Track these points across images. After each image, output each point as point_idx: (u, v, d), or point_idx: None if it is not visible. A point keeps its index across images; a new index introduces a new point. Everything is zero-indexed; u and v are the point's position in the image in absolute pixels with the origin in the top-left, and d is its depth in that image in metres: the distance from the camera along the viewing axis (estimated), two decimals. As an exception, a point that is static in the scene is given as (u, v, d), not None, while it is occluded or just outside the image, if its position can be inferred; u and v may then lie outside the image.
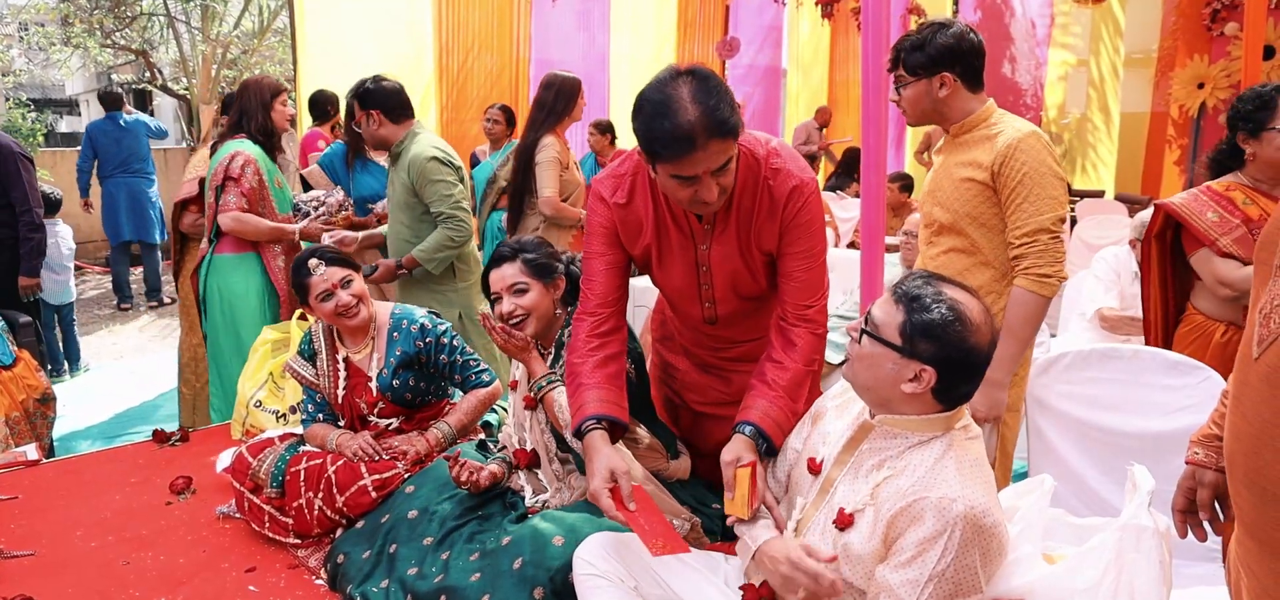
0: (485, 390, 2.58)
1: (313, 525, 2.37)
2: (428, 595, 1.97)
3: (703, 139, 1.55)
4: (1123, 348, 2.39)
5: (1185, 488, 1.44)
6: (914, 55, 2.12)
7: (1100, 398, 2.37)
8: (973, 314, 1.38)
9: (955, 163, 2.15)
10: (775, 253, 1.84)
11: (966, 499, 1.32)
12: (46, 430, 3.53)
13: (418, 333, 2.51)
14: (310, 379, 2.59)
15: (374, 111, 3.15)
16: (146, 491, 2.79)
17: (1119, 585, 1.36)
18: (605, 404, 1.80)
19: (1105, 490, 2.36)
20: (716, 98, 1.57)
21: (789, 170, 1.79)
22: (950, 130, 2.18)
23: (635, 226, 1.89)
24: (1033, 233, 2.00)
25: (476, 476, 2.19)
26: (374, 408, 2.54)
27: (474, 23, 6.74)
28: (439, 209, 3.13)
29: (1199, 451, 1.43)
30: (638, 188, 1.87)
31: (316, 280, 2.42)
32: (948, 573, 1.31)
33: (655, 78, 1.63)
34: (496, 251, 2.19)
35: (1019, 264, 2.03)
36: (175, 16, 10.66)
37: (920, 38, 2.12)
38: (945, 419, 1.42)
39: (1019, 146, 2.00)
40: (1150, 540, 1.37)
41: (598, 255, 1.92)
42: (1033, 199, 1.99)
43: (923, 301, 1.38)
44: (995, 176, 2.04)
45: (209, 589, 2.20)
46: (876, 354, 1.41)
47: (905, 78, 2.16)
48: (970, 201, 2.10)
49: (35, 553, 2.38)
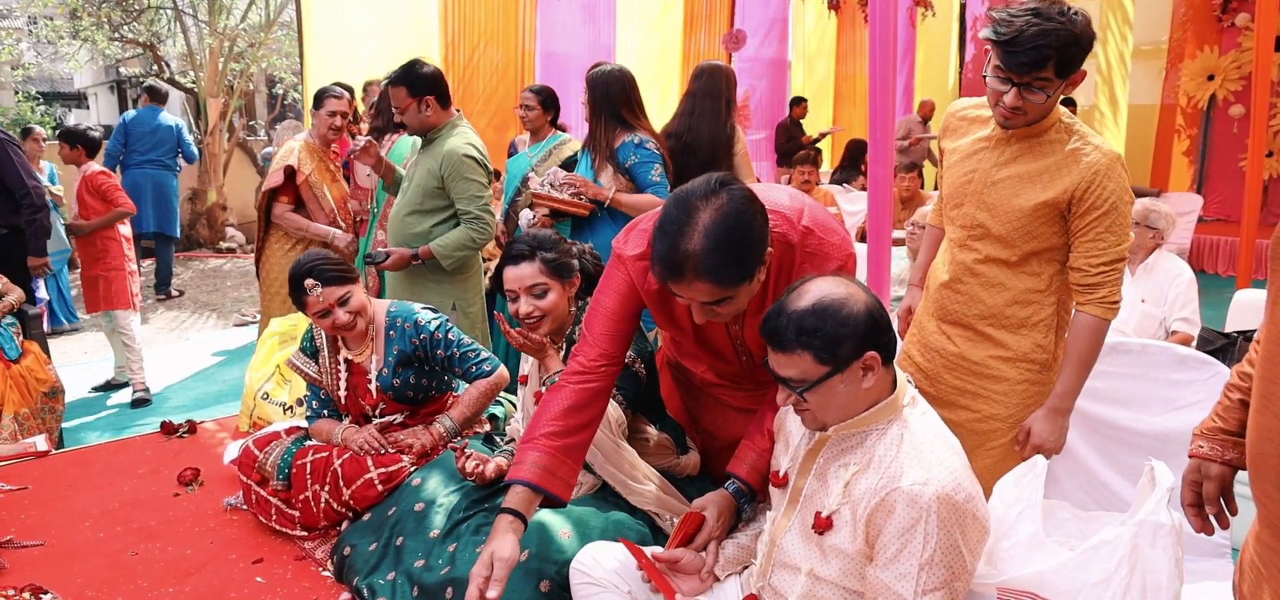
0: (489, 380, 2.53)
1: (319, 518, 2.37)
2: (434, 587, 1.97)
3: (691, 276, 1.47)
4: (1131, 342, 2.38)
5: (1190, 481, 1.43)
6: (1073, 50, 1.75)
7: (1108, 392, 2.36)
8: (837, 292, 1.39)
9: (1019, 172, 1.90)
10: None
11: (936, 480, 1.33)
12: (55, 423, 3.55)
13: (412, 330, 2.50)
14: (312, 375, 2.59)
15: (429, 98, 3.09)
16: (154, 483, 2.80)
17: (1132, 580, 1.35)
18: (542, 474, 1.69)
19: (1114, 483, 2.35)
20: (730, 243, 1.46)
21: (826, 252, 1.69)
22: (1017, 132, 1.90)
23: (667, 307, 1.78)
24: (1112, 263, 1.86)
25: (483, 468, 2.20)
26: (376, 407, 2.54)
27: (480, 16, 6.72)
28: (466, 208, 3.05)
29: (1203, 445, 1.42)
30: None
31: (313, 299, 2.40)
32: (935, 558, 1.32)
33: (696, 181, 1.52)
34: (513, 248, 2.13)
35: (1094, 292, 1.87)
36: (182, 10, 10.67)
37: (1075, 32, 1.74)
38: (891, 403, 1.43)
39: (1109, 174, 1.82)
40: (1166, 537, 1.36)
41: (607, 314, 1.77)
42: (1115, 229, 1.85)
43: (806, 324, 1.37)
44: (1076, 201, 1.85)
45: (216, 580, 2.21)
46: (824, 394, 1.41)
47: (1051, 82, 1.77)
48: (1033, 221, 1.90)
49: (44, 543, 2.40)
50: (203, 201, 10.04)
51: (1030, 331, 1.97)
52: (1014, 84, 1.77)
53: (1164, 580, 1.35)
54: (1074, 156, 1.85)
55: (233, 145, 10.64)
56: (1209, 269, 7.03)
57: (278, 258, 3.96)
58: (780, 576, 1.52)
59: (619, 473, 2.04)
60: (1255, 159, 4.47)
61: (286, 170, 3.83)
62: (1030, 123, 1.86)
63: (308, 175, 3.87)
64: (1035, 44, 1.71)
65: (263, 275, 4.05)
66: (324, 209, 3.92)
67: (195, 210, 10.08)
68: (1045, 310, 1.97)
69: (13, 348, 3.47)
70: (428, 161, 3.14)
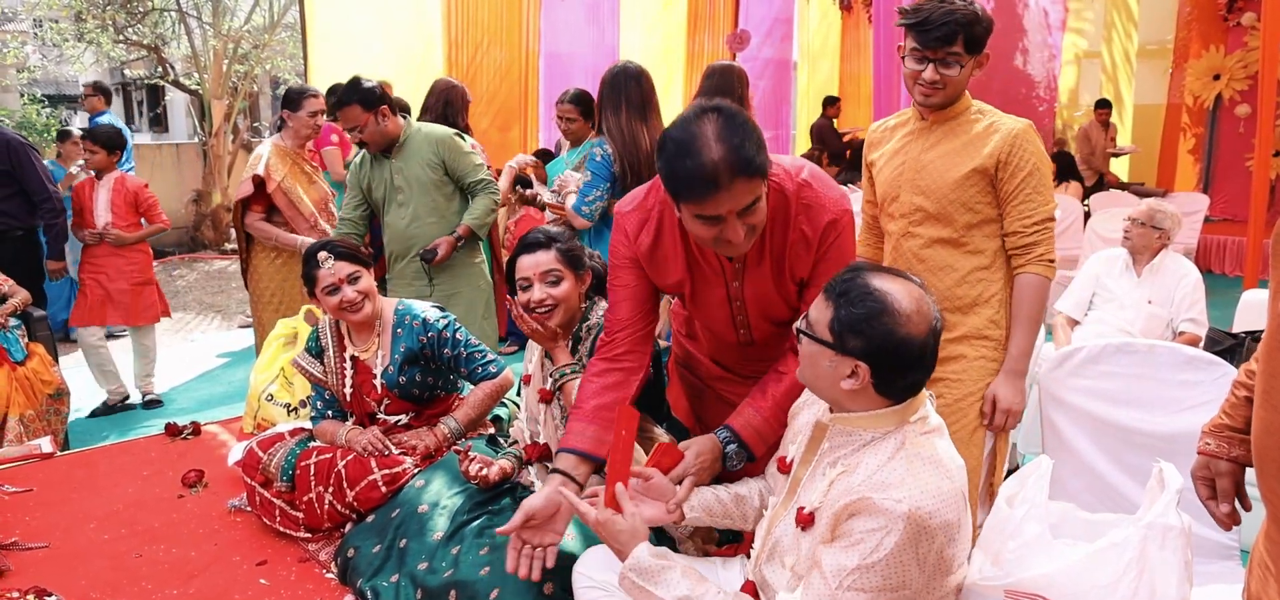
0: (494, 381, 2.54)
1: (323, 519, 2.37)
2: (437, 590, 1.97)
3: (727, 179, 1.50)
4: (1138, 342, 2.37)
5: (1202, 478, 1.42)
6: (977, 29, 1.96)
7: (1115, 392, 2.35)
8: (902, 304, 1.34)
9: (945, 150, 2.07)
10: (807, 279, 1.81)
11: (913, 500, 1.28)
12: (60, 425, 3.56)
13: (420, 328, 2.50)
14: (318, 376, 2.59)
15: (383, 108, 3.18)
16: (158, 485, 2.80)
17: (1140, 582, 1.34)
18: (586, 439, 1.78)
19: (1121, 485, 2.34)
20: (742, 136, 1.51)
21: (823, 203, 1.74)
22: (932, 117, 2.09)
23: (663, 263, 1.84)
24: (1042, 221, 2.03)
25: (486, 471, 2.19)
26: (381, 403, 2.54)
27: (483, 17, 6.73)
28: (476, 178, 3.29)
29: (1211, 442, 1.40)
30: (665, 224, 1.80)
31: (324, 273, 2.42)
32: (877, 566, 1.28)
33: (680, 115, 1.58)
34: (529, 238, 2.16)
35: (1030, 252, 2.03)
36: (187, 12, 10.70)
37: (977, 12, 1.96)
38: (896, 414, 1.39)
39: (1024, 138, 2.01)
40: (1176, 539, 1.35)
41: (620, 285, 1.87)
42: (1041, 189, 2.02)
43: (849, 296, 1.35)
44: (1001, 165, 2.02)
45: (220, 581, 2.21)
46: (814, 353, 1.40)
47: (962, 56, 1.97)
48: (964, 189, 2.05)
49: (49, 544, 2.40)
50: (207, 203, 10.06)
51: (982, 308, 2.09)
52: (930, 60, 1.97)
53: (1173, 583, 1.34)
54: (991, 128, 2.04)
55: (237, 147, 10.67)
56: (1216, 269, 7.00)
57: (264, 266, 3.89)
58: (771, 569, 1.51)
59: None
60: (1262, 159, 4.45)
61: (254, 179, 3.73)
62: (947, 103, 2.05)
63: (279, 181, 3.75)
64: (945, 21, 1.94)
65: (252, 287, 3.98)
66: (303, 214, 3.80)
67: (200, 212, 10.11)
68: (993, 286, 2.09)
69: (18, 350, 3.48)
70: (411, 164, 3.25)
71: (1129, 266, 3.56)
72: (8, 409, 3.32)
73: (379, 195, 3.34)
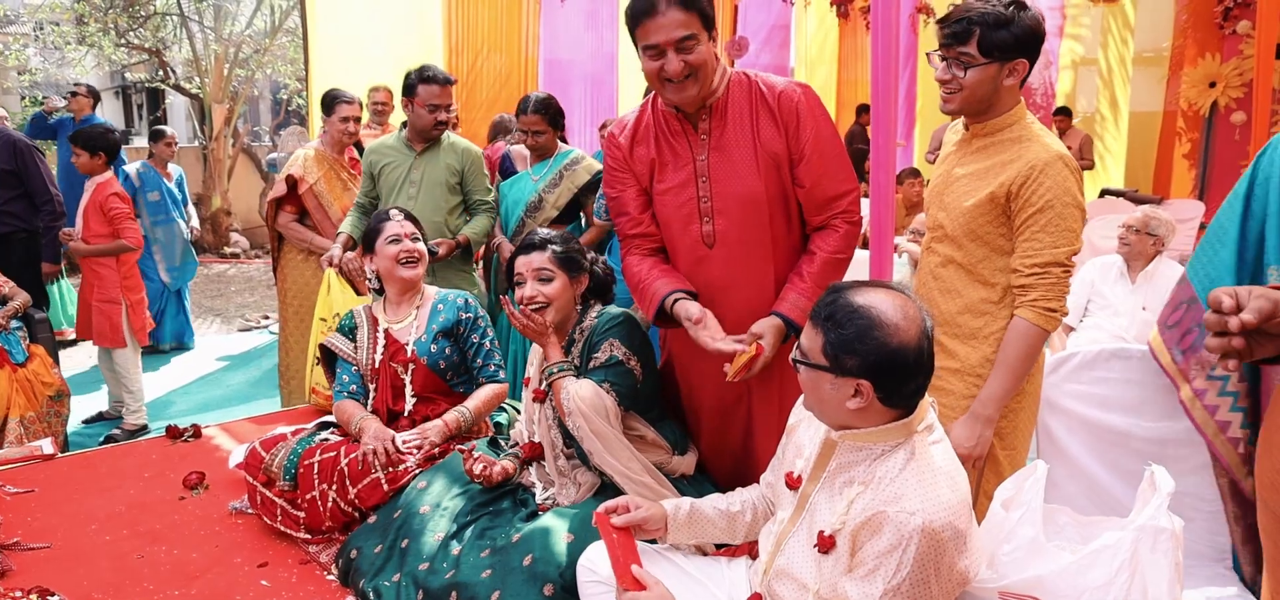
0: (497, 386, 2.68)
1: (325, 518, 2.39)
2: (439, 591, 1.98)
3: (663, 6, 1.83)
4: (1133, 347, 2.39)
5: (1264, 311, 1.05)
6: (998, 33, 1.79)
7: (1110, 398, 2.37)
8: (890, 315, 1.35)
9: (972, 170, 1.92)
10: (782, 156, 1.99)
11: (925, 512, 1.31)
12: (61, 426, 3.57)
13: (462, 305, 2.71)
14: (348, 352, 2.68)
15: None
16: (160, 487, 2.82)
17: (1132, 584, 1.36)
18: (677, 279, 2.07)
19: (1115, 489, 2.36)
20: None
21: (777, 84, 2.01)
22: (973, 127, 1.94)
23: (643, 154, 2.11)
24: (1046, 265, 1.82)
25: (490, 470, 2.22)
26: (407, 368, 2.61)
27: (483, 23, 6.77)
28: (483, 198, 3.48)
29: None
30: (644, 121, 2.12)
31: (392, 225, 2.66)
32: (902, 587, 1.32)
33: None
34: (528, 239, 2.23)
35: (1025, 294, 1.84)
36: (188, 16, 10.73)
37: (1004, 13, 1.79)
38: (904, 426, 1.41)
39: (1046, 171, 1.80)
40: (1167, 541, 1.37)
41: (621, 186, 2.16)
42: (1052, 229, 1.81)
43: (836, 318, 1.37)
44: (1012, 196, 1.84)
45: (221, 583, 2.22)
46: (814, 380, 1.42)
47: (974, 58, 1.82)
48: (975, 218, 1.90)
49: (51, 545, 2.41)
50: (207, 207, 10.07)
51: (980, 344, 1.93)
52: (945, 58, 1.88)
53: (1164, 584, 1.36)
54: (1019, 153, 1.85)
55: (237, 151, 10.68)
56: (1211, 275, 7.00)
57: (294, 265, 3.92)
58: (783, 586, 1.52)
59: (618, 463, 2.07)
60: (1257, 166, 4.46)
61: (288, 179, 3.81)
62: (968, 111, 1.91)
63: (312, 184, 3.82)
64: (961, 16, 1.83)
65: (280, 284, 3.99)
66: (331, 219, 3.83)
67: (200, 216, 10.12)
68: (996, 323, 1.92)
69: (19, 352, 3.49)
70: (435, 166, 3.38)
71: (1124, 273, 3.58)
72: (9, 410, 3.33)
73: (391, 180, 3.39)
